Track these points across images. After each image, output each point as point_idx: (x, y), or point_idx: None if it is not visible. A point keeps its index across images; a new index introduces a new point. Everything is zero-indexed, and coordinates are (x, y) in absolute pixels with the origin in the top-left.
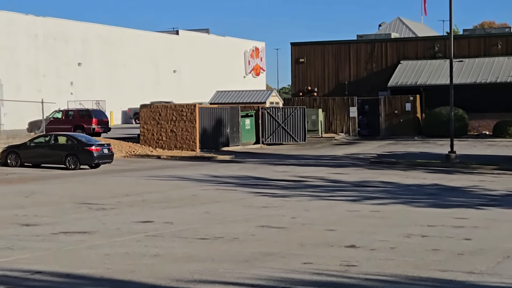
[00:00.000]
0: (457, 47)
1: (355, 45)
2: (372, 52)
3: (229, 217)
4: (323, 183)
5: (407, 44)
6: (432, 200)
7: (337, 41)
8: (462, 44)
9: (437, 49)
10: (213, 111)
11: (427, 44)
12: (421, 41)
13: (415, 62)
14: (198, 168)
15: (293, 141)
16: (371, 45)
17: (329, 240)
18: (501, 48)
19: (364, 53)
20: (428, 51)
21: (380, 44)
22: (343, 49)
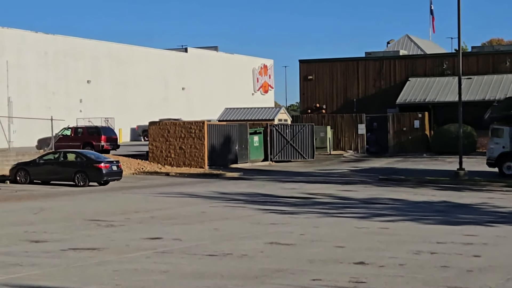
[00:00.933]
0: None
1: (364, 62)
2: (380, 69)
3: (238, 234)
4: (331, 200)
5: (416, 61)
6: (441, 217)
7: (346, 58)
8: (470, 61)
9: (446, 66)
10: (221, 128)
11: (436, 61)
12: (430, 58)
13: (423, 79)
14: (207, 185)
15: (302, 158)
16: (379, 62)
17: (338, 257)
18: (509, 65)
19: (372, 70)
20: (437, 68)
21: (388, 61)
22: (352, 66)
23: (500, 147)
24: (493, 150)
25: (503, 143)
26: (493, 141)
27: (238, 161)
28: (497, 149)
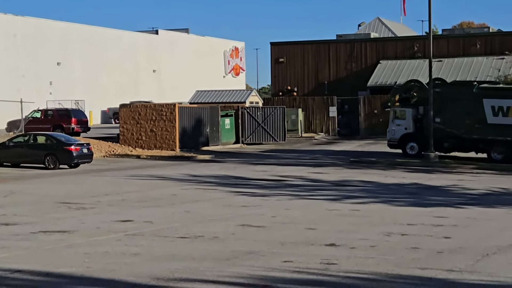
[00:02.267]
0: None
1: (335, 45)
2: (351, 52)
3: (209, 216)
4: (303, 182)
5: (387, 44)
6: (412, 199)
7: (317, 41)
8: (441, 44)
9: (417, 49)
10: (192, 111)
11: (407, 44)
12: (401, 41)
13: (394, 62)
14: (178, 168)
15: (273, 140)
16: (350, 45)
17: (309, 239)
18: (479, 48)
19: (343, 53)
20: (408, 51)
21: (359, 44)
22: (323, 49)
23: (403, 129)
24: (395, 131)
25: (406, 124)
26: (394, 123)
27: (210, 143)
28: (399, 130)
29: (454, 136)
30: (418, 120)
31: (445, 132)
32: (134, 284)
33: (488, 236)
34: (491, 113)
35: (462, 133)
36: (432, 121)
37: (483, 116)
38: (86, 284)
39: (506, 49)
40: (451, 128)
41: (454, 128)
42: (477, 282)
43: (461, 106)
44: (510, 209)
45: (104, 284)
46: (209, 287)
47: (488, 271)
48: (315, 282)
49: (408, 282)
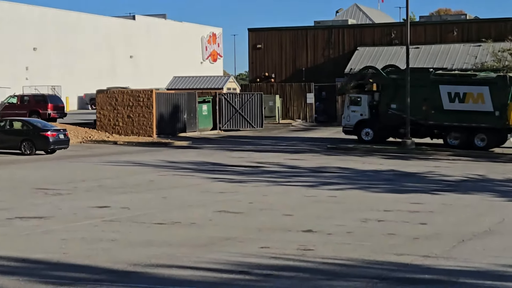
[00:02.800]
0: (413, 34)
1: (313, 31)
2: (329, 39)
3: (186, 202)
4: (280, 168)
5: (364, 31)
6: (388, 185)
7: (295, 27)
8: (418, 31)
9: (394, 36)
10: (170, 97)
11: (384, 30)
12: (378, 27)
13: (372, 48)
14: (155, 154)
15: (250, 127)
16: (328, 31)
17: (286, 225)
18: (457, 35)
19: (321, 39)
20: (385, 37)
21: (337, 30)
22: (301, 35)
23: (358, 115)
24: (350, 118)
25: (361, 110)
26: (350, 109)
27: (187, 129)
28: (355, 116)
29: (410, 122)
30: (373, 107)
31: (401, 118)
32: (111, 270)
33: (464, 223)
34: (448, 99)
35: (418, 119)
36: (388, 107)
37: (439, 102)
38: (63, 270)
39: (483, 36)
40: (408, 114)
41: (410, 114)
42: (452, 268)
43: (417, 92)
44: (485, 196)
45: (80, 270)
46: (186, 272)
47: (464, 257)
48: (291, 268)
49: (385, 268)
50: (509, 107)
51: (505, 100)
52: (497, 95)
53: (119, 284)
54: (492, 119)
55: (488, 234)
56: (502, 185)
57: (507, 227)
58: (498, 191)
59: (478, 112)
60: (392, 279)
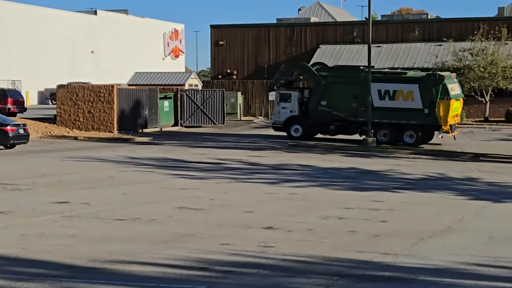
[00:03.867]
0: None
1: (275, 29)
2: (291, 36)
3: (147, 199)
4: (241, 165)
5: (326, 29)
6: (349, 183)
7: (257, 24)
8: (380, 30)
9: (356, 34)
10: (131, 93)
11: (346, 29)
12: (340, 26)
13: (334, 46)
14: (116, 150)
15: (212, 123)
16: (290, 29)
17: (247, 222)
18: (418, 34)
19: (283, 37)
20: (347, 36)
21: (299, 28)
22: (263, 32)
23: (288, 111)
24: (280, 114)
25: (291, 107)
26: (280, 105)
27: (148, 126)
28: (285, 113)
29: (340, 119)
30: (303, 103)
31: (331, 115)
32: (70, 265)
33: (424, 220)
34: (378, 97)
35: (348, 116)
36: (318, 104)
37: (369, 99)
38: (22, 266)
39: (444, 35)
40: (337, 111)
41: (340, 111)
42: (412, 265)
43: (347, 89)
44: (445, 194)
45: (40, 266)
46: (146, 269)
47: (423, 254)
48: (252, 264)
49: (345, 265)
50: (438, 104)
51: (434, 98)
52: (427, 93)
53: (78, 280)
54: (422, 116)
55: (447, 232)
56: (462, 183)
57: (467, 225)
58: (458, 190)
59: (407, 109)
60: (353, 276)
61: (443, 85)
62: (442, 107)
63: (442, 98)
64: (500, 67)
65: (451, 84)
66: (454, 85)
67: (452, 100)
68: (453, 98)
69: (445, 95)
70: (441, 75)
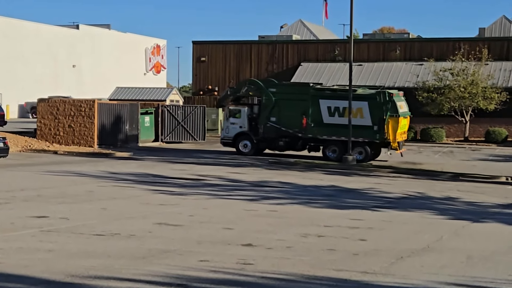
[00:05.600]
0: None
1: (257, 46)
2: (273, 53)
3: (126, 214)
4: (221, 182)
5: (308, 47)
6: (329, 201)
7: (239, 41)
8: (361, 48)
9: (337, 53)
10: (112, 107)
11: (328, 47)
12: (322, 43)
13: (315, 64)
14: (96, 164)
15: (193, 139)
16: (272, 46)
17: (226, 239)
18: (399, 53)
19: (265, 54)
20: (329, 54)
21: (281, 45)
22: (245, 49)
23: (237, 127)
24: (229, 130)
25: (241, 123)
26: (229, 121)
27: (129, 141)
28: (234, 128)
29: (289, 135)
30: (252, 119)
31: (280, 131)
32: (48, 280)
33: (403, 239)
34: (327, 113)
35: (297, 132)
36: (267, 120)
37: (319, 116)
38: None
39: (425, 55)
40: (286, 127)
41: (289, 127)
42: (391, 284)
43: (297, 106)
44: (425, 213)
45: (17, 280)
46: (124, 285)
47: (402, 273)
48: (231, 281)
49: (324, 283)
50: (387, 122)
51: (383, 114)
52: (376, 110)
53: None
54: (371, 133)
55: (426, 251)
56: (441, 203)
57: (445, 244)
58: (437, 209)
59: (357, 126)
60: None
61: (392, 103)
62: (391, 124)
63: (391, 116)
64: (481, 87)
65: (400, 102)
66: (402, 103)
67: (401, 117)
68: (402, 115)
69: (394, 113)
70: (390, 92)
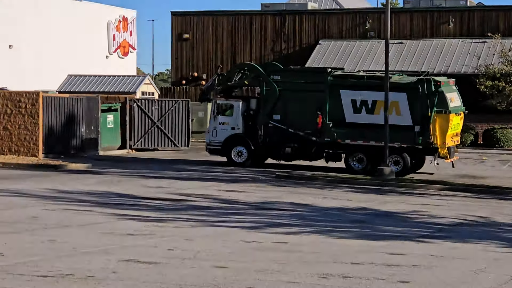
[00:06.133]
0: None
1: (259, 18)
2: (281, 28)
3: (82, 248)
4: (212, 203)
5: (329, 18)
6: (359, 229)
7: (235, 12)
8: (402, 21)
9: (369, 26)
10: (63, 103)
11: (356, 19)
12: (348, 14)
13: (339, 42)
14: (41, 180)
15: (173, 145)
16: (280, 18)
17: (218, 281)
18: (453, 26)
19: (271, 29)
20: (357, 28)
21: (293, 17)
22: (243, 22)
23: (228, 128)
24: (217, 132)
25: (233, 123)
26: (217, 120)
27: (86, 148)
28: (224, 130)
29: (299, 139)
30: (249, 117)
31: (287, 133)
32: None
33: (460, 281)
34: (351, 109)
35: (310, 135)
36: (269, 118)
37: (340, 113)
38: None
39: (489, 29)
40: (295, 128)
41: (299, 129)
42: None
43: (309, 99)
44: (489, 245)
45: None
46: None
47: None
48: None
49: None
50: (433, 120)
51: (428, 110)
52: (417, 104)
53: None
54: (411, 135)
55: None
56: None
57: None
58: (506, 239)
59: (392, 126)
60: None
61: (439, 94)
62: (439, 123)
63: (439, 112)
64: None
65: (450, 93)
66: (453, 94)
67: (452, 114)
68: (453, 111)
69: (443, 108)
70: (437, 80)
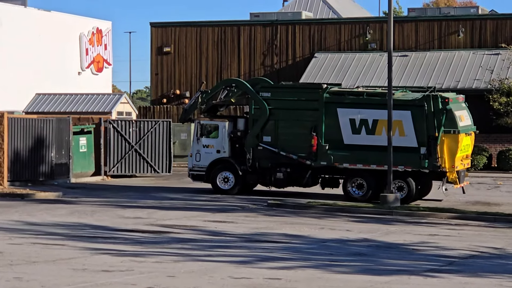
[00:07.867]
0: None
1: (248, 29)
2: (273, 40)
3: (51, 286)
4: (196, 235)
5: (326, 29)
6: (360, 262)
7: (221, 22)
8: (406, 31)
9: (370, 37)
10: (30, 124)
11: (355, 29)
12: (346, 24)
13: (337, 55)
14: (6, 211)
15: (153, 171)
16: (271, 29)
17: None
18: (463, 37)
19: (261, 41)
20: (356, 39)
21: (285, 27)
22: (230, 34)
23: (213, 152)
24: (201, 155)
25: (218, 145)
26: (201, 143)
27: (56, 174)
28: (208, 154)
29: (291, 163)
30: (236, 140)
31: (278, 156)
32: None
33: None
34: (350, 130)
35: (303, 158)
36: (258, 140)
37: (337, 134)
38: None
39: (503, 39)
40: (287, 151)
41: (291, 151)
42: None
43: (303, 119)
44: (504, 279)
45: None
46: None
47: None
48: None
49: None
50: (440, 141)
51: (434, 130)
52: (424, 124)
53: None
54: (416, 158)
55: None
56: None
57: None
58: None
59: (395, 148)
60: None
61: (447, 112)
62: (447, 144)
63: (447, 132)
64: None
65: (459, 111)
66: (463, 112)
67: (461, 134)
68: (463, 131)
69: (451, 127)
70: (444, 97)
